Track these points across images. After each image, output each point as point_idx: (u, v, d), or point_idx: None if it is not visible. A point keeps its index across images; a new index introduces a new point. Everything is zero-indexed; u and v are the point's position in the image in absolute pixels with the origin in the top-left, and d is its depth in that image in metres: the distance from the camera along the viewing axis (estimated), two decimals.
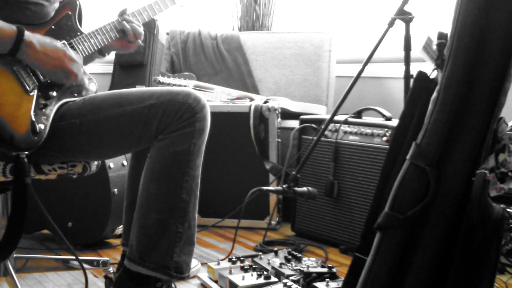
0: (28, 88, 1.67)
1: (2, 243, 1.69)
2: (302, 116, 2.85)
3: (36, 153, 1.72)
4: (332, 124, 2.61)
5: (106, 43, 1.86)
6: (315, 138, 2.50)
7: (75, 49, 1.78)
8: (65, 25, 1.80)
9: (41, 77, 1.70)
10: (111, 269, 2.06)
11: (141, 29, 1.92)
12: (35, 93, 1.69)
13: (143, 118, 1.73)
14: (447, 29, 1.44)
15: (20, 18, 1.70)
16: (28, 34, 1.64)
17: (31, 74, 1.69)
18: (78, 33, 1.82)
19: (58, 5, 1.82)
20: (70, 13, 1.82)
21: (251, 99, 3.05)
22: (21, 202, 1.65)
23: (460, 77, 1.38)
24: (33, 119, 1.65)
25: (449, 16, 1.43)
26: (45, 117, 1.68)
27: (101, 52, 1.95)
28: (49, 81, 1.72)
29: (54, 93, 1.73)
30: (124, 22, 1.89)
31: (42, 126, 1.66)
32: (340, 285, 1.92)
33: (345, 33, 3.77)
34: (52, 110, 1.71)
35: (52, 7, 1.80)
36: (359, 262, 1.53)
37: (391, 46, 3.06)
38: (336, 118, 2.55)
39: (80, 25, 1.85)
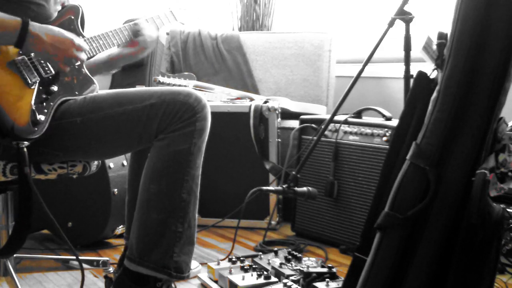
0: (29, 82, 1.69)
1: (10, 238, 1.70)
2: (302, 116, 2.85)
3: (37, 151, 1.73)
4: (332, 124, 2.61)
5: (107, 48, 1.88)
6: (315, 138, 2.50)
7: None
8: (68, 28, 1.81)
9: (43, 73, 1.72)
10: (111, 269, 2.06)
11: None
12: (36, 87, 1.70)
13: (144, 117, 1.73)
14: (447, 29, 1.44)
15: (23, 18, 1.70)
16: (33, 25, 1.65)
17: (33, 68, 1.70)
18: (80, 37, 1.83)
19: (60, 7, 1.83)
20: (72, 17, 1.83)
21: (251, 99, 3.05)
22: (26, 195, 1.65)
23: (460, 77, 1.38)
24: (34, 109, 1.66)
25: (449, 16, 1.43)
26: (46, 110, 1.70)
27: (111, 66, 1.98)
28: (50, 77, 1.73)
29: (55, 88, 1.74)
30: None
31: (42, 118, 1.67)
32: (340, 285, 1.92)
33: (345, 33, 3.77)
34: (52, 105, 1.72)
35: (54, 8, 1.81)
36: (359, 262, 1.53)
37: (391, 46, 3.06)
38: (336, 118, 2.55)
39: (83, 30, 1.86)
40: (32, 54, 1.70)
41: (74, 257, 1.78)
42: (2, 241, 1.97)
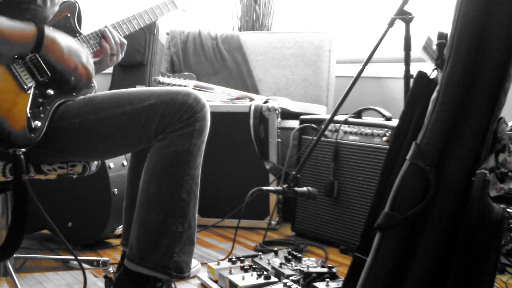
0: (25, 86, 1.68)
1: (5, 242, 1.70)
2: (302, 116, 2.85)
3: (36, 153, 1.73)
4: (332, 124, 2.61)
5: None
6: (315, 138, 2.50)
7: None
8: (64, 26, 1.80)
9: (39, 77, 1.71)
10: (111, 269, 2.06)
11: (117, 41, 1.91)
12: (31, 91, 1.69)
13: (143, 118, 1.73)
14: (447, 29, 1.44)
15: (20, 20, 1.70)
16: (49, 32, 1.65)
17: (29, 72, 1.69)
18: (77, 34, 1.83)
19: (57, 8, 1.83)
20: (68, 15, 1.83)
21: (251, 99, 3.05)
22: (21, 200, 1.65)
23: (460, 77, 1.38)
24: (29, 115, 1.65)
25: (449, 16, 1.43)
26: (42, 115, 1.69)
27: None
28: (47, 80, 1.72)
29: (52, 92, 1.73)
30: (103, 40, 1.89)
31: (38, 124, 1.67)
32: (340, 285, 1.92)
33: (345, 33, 3.77)
34: (49, 108, 1.71)
35: (52, 10, 1.81)
36: (359, 262, 1.53)
37: (391, 46, 3.06)
38: (336, 118, 2.55)
39: (80, 27, 1.85)
40: (30, 55, 1.70)
41: (74, 257, 1.78)
42: (1, 241, 1.96)
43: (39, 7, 1.75)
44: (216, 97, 3.08)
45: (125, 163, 2.57)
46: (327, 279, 1.96)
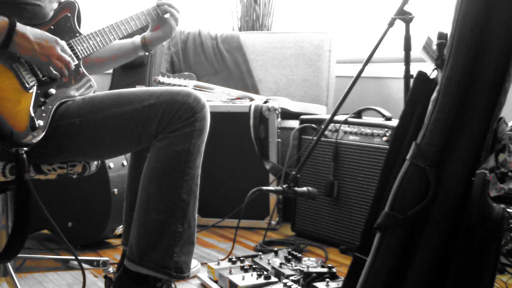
0: (27, 85, 1.68)
1: (8, 242, 1.70)
2: (302, 116, 2.85)
3: (36, 153, 1.73)
4: (332, 124, 2.61)
5: (106, 44, 1.87)
6: (315, 138, 2.50)
7: (73, 50, 1.79)
8: (64, 26, 1.81)
9: (40, 75, 1.71)
10: (111, 269, 2.06)
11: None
12: (34, 90, 1.69)
13: (143, 118, 1.73)
14: (447, 29, 1.44)
15: (19, 19, 1.70)
16: (20, 26, 1.64)
17: (30, 71, 1.69)
18: (77, 34, 1.83)
19: (56, 5, 1.83)
20: (69, 14, 1.83)
21: (251, 99, 3.04)
22: (23, 200, 1.65)
23: (460, 77, 1.38)
24: (32, 115, 1.66)
25: (449, 16, 1.43)
26: (44, 114, 1.69)
27: (146, 47, 2.03)
28: (48, 79, 1.72)
29: (53, 91, 1.73)
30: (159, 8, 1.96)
31: (41, 123, 1.67)
32: (340, 285, 1.92)
33: (345, 33, 3.77)
34: (51, 107, 1.71)
35: (50, 7, 1.80)
36: (359, 262, 1.53)
37: (391, 46, 3.06)
38: (336, 118, 2.55)
39: (79, 27, 1.85)
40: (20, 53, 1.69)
41: (74, 257, 1.78)
42: (1, 241, 1.96)
43: (37, 6, 1.75)
44: (216, 97, 3.08)
45: (125, 163, 2.57)
46: (327, 279, 1.96)
